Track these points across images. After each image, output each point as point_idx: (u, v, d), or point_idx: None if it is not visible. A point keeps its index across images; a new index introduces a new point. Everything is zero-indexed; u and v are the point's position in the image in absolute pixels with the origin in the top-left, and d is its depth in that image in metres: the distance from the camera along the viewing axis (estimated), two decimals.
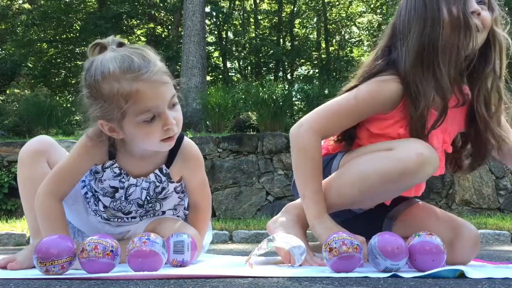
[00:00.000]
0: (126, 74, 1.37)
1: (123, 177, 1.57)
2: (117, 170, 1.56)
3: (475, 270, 1.31)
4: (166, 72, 1.46)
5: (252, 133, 7.15)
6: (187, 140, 1.63)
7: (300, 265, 1.41)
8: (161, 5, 17.67)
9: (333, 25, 19.97)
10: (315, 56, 17.89)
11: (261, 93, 7.62)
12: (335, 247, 1.24)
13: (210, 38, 18.35)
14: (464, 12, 1.39)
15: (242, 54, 18.21)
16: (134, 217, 1.68)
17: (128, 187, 1.59)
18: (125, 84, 1.36)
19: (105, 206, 1.65)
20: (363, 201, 1.48)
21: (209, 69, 16.49)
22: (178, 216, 1.73)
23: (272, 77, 15.89)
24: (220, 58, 19.13)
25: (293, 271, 1.29)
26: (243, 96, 8.84)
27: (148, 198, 1.62)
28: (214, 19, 17.62)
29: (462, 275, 1.18)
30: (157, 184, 1.60)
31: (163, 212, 1.71)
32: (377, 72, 1.48)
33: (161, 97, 1.41)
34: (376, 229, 1.38)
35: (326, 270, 1.30)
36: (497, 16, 1.48)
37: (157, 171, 1.58)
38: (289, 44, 17.83)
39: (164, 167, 1.59)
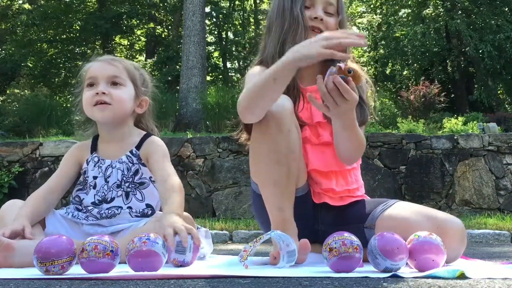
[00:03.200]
0: (95, 59, 1.88)
1: (101, 162, 1.84)
2: (96, 159, 1.85)
3: (475, 270, 1.31)
4: (126, 67, 1.85)
5: None
6: (154, 136, 1.92)
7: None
8: (161, 5, 17.67)
9: None
10: None
11: None
12: (335, 247, 1.24)
13: (210, 38, 18.35)
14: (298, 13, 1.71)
15: (242, 54, 18.21)
16: (120, 207, 1.77)
17: (105, 170, 1.82)
18: (89, 63, 1.87)
19: (90, 206, 1.77)
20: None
21: (209, 69, 16.48)
22: None
23: None
24: (220, 58, 19.14)
25: (293, 271, 1.29)
26: None
27: (124, 178, 1.80)
28: (214, 19, 17.62)
29: (462, 275, 1.18)
30: (130, 164, 1.82)
31: (148, 205, 1.79)
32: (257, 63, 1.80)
33: (101, 70, 1.81)
34: (361, 241, 1.35)
35: (326, 270, 1.30)
36: (342, 19, 1.77)
37: (128, 153, 1.84)
38: None
39: (134, 149, 1.84)
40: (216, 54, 19.06)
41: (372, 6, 18.56)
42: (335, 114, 1.50)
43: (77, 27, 17.28)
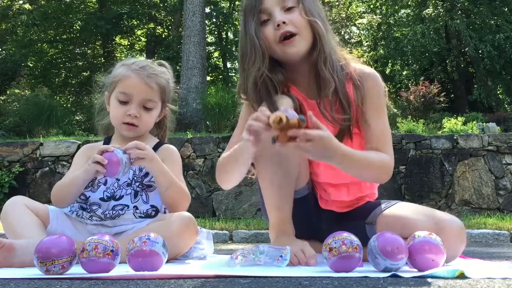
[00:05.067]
0: (132, 66, 1.86)
1: None
2: None
3: (475, 270, 1.31)
4: (160, 87, 1.86)
5: None
6: (170, 145, 1.96)
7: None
8: (161, 5, 17.67)
9: (333, 25, 19.93)
10: None
11: None
12: (335, 247, 1.24)
13: (210, 39, 18.35)
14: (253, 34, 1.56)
15: None
16: (127, 205, 1.77)
17: None
18: (126, 69, 1.86)
19: (97, 203, 1.77)
20: None
21: (209, 69, 16.49)
22: None
23: None
24: (220, 58, 19.13)
25: (293, 271, 1.29)
26: None
27: (135, 178, 1.81)
28: (214, 19, 17.62)
29: (461, 274, 1.18)
30: (142, 166, 1.80)
31: (152, 206, 1.79)
32: None
33: (138, 91, 1.82)
34: (361, 238, 1.35)
35: (326, 270, 1.30)
36: (307, 6, 1.56)
37: None
38: None
39: None
40: (216, 54, 19.06)
41: (372, 6, 18.56)
42: (316, 159, 1.39)
43: (78, 27, 17.28)
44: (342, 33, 20.10)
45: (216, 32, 18.93)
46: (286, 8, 1.56)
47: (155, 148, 1.88)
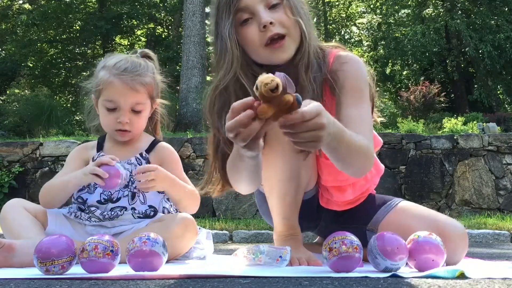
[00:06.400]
0: (113, 69, 1.78)
1: None
2: None
3: (475, 270, 1.31)
4: (146, 86, 1.81)
5: None
6: (165, 143, 1.95)
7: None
8: (161, 5, 17.67)
9: (333, 25, 19.95)
10: None
11: None
12: (335, 247, 1.24)
13: (210, 38, 18.34)
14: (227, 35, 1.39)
15: None
16: (124, 207, 1.77)
17: None
18: (108, 74, 1.78)
19: (95, 206, 1.77)
20: None
21: (209, 69, 16.48)
22: None
23: None
24: None
25: (293, 271, 1.29)
26: None
27: (132, 179, 1.80)
28: None
29: (462, 275, 1.18)
30: (138, 166, 1.80)
31: (150, 207, 1.79)
32: None
33: (125, 97, 1.77)
34: (362, 242, 1.32)
35: (326, 270, 1.30)
36: (292, 4, 1.41)
37: (137, 155, 1.86)
38: None
39: (144, 152, 1.86)
40: None
41: (372, 6, 18.57)
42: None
43: (77, 27, 17.29)
44: (342, 33, 20.13)
45: None
46: (270, 5, 1.39)
47: (151, 147, 1.88)
